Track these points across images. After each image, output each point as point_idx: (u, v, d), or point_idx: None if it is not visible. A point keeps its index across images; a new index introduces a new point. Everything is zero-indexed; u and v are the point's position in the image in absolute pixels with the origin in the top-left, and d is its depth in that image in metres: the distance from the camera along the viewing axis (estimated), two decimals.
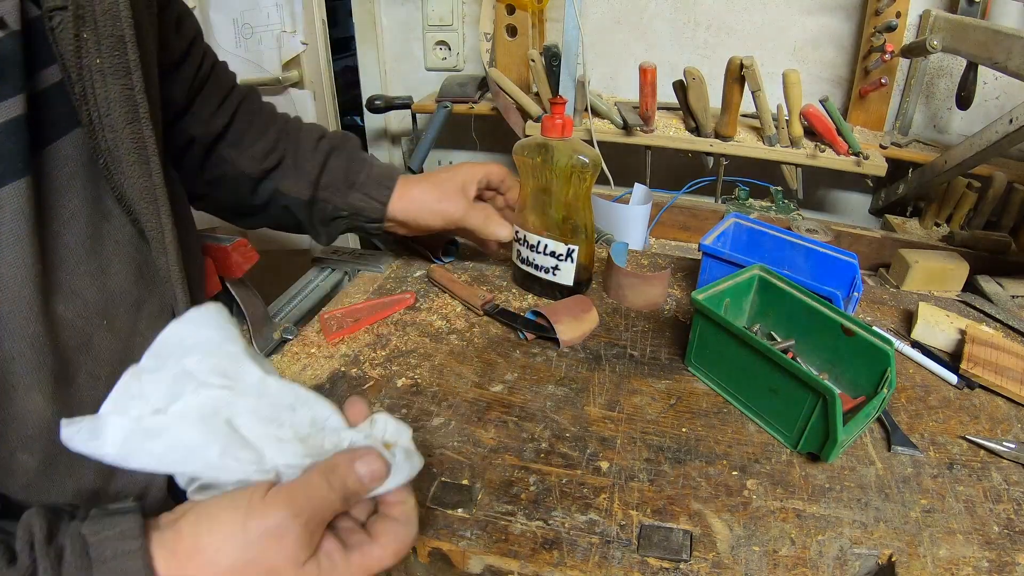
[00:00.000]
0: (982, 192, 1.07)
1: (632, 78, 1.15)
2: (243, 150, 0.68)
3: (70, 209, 0.45)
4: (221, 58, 0.69)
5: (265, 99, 0.74)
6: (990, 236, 1.00)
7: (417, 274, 0.84)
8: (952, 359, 0.71)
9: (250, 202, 0.71)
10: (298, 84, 1.41)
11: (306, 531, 0.33)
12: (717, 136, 1.19)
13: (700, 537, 0.48)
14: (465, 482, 0.53)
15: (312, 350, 0.69)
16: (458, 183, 0.75)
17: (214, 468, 0.32)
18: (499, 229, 0.76)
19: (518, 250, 0.78)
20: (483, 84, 1.43)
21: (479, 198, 0.78)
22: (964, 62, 1.04)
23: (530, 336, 0.71)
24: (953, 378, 0.67)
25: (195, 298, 0.54)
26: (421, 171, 1.18)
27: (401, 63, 1.58)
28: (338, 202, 0.72)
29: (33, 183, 0.41)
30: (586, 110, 1.22)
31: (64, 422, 0.32)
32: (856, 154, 1.12)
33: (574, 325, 0.70)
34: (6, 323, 0.39)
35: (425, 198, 0.74)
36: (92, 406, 0.46)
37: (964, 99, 1.04)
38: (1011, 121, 0.89)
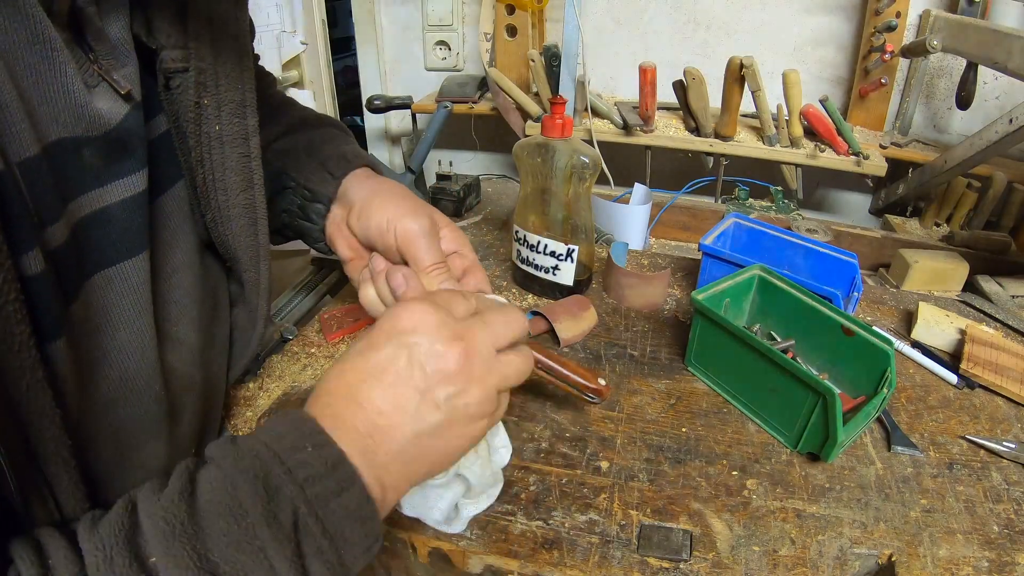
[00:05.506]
0: (982, 192, 1.07)
1: (632, 78, 1.16)
2: None
3: (175, 263, 0.44)
4: None
5: None
6: (990, 236, 1.00)
7: None
8: (952, 359, 0.71)
9: None
10: (298, 84, 1.41)
11: None
12: (717, 136, 1.19)
13: (700, 537, 0.48)
14: None
15: (312, 350, 0.69)
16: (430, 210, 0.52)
17: None
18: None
19: (518, 250, 0.78)
20: (483, 84, 1.43)
21: None
22: (964, 62, 1.04)
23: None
24: (953, 378, 0.67)
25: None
26: (421, 172, 1.18)
27: (401, 63, 1.58)
28: (288, 169, 0.54)
29: (151, 252, 0.40)
30: (586, 110, 1.22)
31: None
32: (856, 154, 1.12)
33: (573, 324, 0.70)
34: (133, 385, 0.39)
35: (395, 193, 0.52)
36: (193, 440, 0.47)
37: (964, 99, 1.05)
38: (1011, 121, 0.89)
